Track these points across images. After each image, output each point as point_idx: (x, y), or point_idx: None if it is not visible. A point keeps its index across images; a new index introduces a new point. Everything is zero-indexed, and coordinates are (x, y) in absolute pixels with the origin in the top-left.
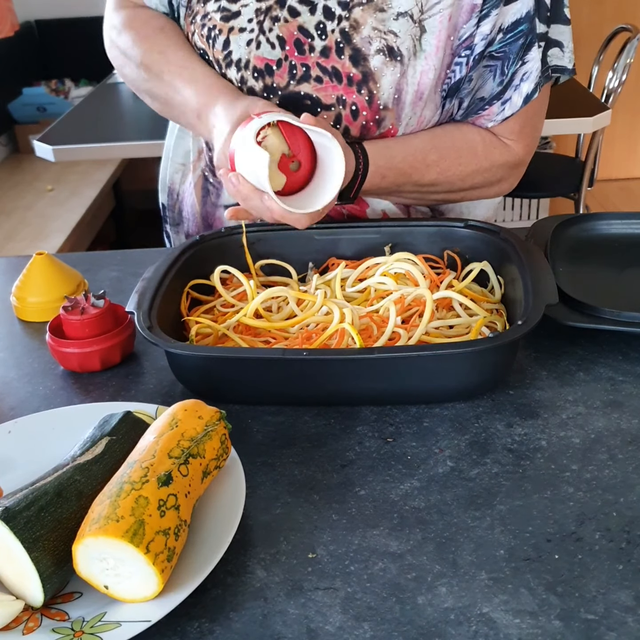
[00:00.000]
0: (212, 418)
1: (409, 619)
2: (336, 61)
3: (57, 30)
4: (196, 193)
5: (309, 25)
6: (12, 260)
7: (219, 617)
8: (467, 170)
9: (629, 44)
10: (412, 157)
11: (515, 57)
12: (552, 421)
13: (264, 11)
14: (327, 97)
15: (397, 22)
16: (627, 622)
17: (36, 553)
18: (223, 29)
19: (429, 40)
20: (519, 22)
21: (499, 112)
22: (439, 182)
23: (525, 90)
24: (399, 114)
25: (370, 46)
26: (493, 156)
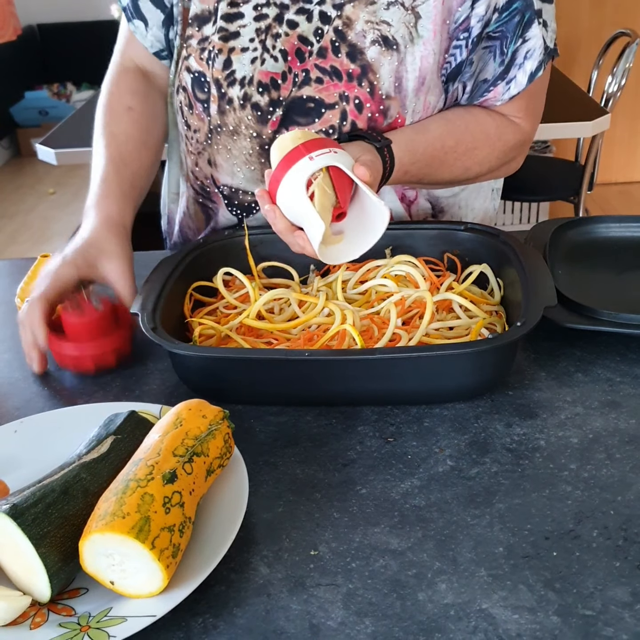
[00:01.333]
0: (215, 417)
1: (410, 615)
2: (334, 60)
3: (59, 35)
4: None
5: (307, 33)
6: (16, 262)
7: (223, 612)
8: (483, 153)
9: (628, 48)
10: (432, 146)
11: (512, 36)
12: (550, 421)
13: (264, 30)
14: (329, 96)
15: (388, 12)
16: (624, 617)
17: (43, 549)
18: (223, 49)
19: (425, 25)
20: (513, 0)
21: (505, 91)
22: (456, 168)
23: (529, 68)
24: (403, 102)
25: (365, 39)
26: (506, 136)
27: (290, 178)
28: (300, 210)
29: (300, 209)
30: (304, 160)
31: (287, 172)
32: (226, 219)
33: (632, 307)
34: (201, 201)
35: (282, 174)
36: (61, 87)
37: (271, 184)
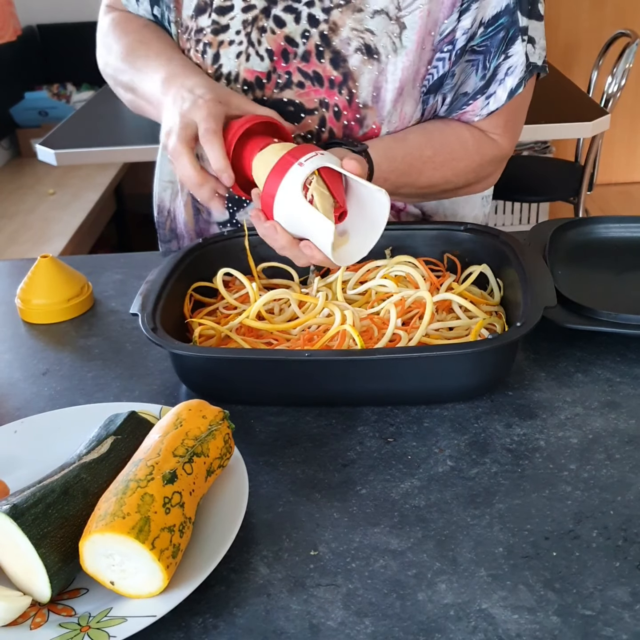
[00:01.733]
0: (215, 418)
1: (410, 615)
2: (317, 65)
3: (59, 35)
4: (187, 212)
5: (295, 34)
6: (16, 263)
7: (223, 612)
8: (460, 165)
9: (628, 49)
10: (410, 155)
11: (496, 51)
12: (550, 421)
13: (251, 22)
14: (309, 101)
15: (373, 20)
16: (624, 617)
17: (44, 549)
18: (213, 43)
19: (410, 36)
20: (499, 16)
21: (484, 106)
22: (434, 178)
23: (509, 84)
24: (380, 112)
25: (348, 47)
26: (483, 151)
27: (285, 189)
28: (303, 219)
29: (302, 217)
30: (295, 167)
31: (281, 184)
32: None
33: (632, 308)
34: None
35: (275, 187)
36: (61, 87)
37: (264, 201)
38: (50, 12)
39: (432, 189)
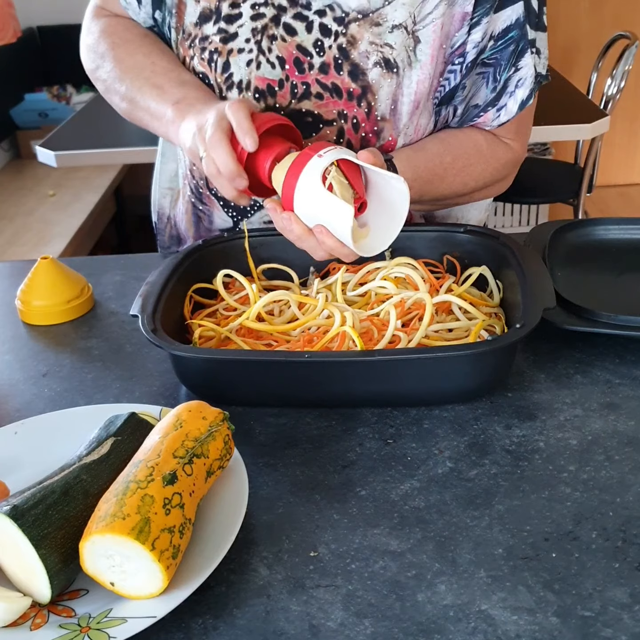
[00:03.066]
0: (215, 419)
1: (409, 616)
2: (335, 77)
3: (59, 37)
4: (187, 219)
5: (307, 43)
6: (16, 264)
7: (223, 613)
8: (478, 169)
9: (627, 51)
10: (432, 163)
11: (507, 64)
12: (549, 423)
13: (260, 30)
14: (328, 112)
15: (392, 35)
16: (623, 618)
17: (44, 550)
18: (222, 51)
19: (424, 50)
20: (509, 29)
21: (495, 118)
22: (455, 184)
23: (520, 96)
24: (396, 125)
25: (368, 60)
26: (497, 154)
27: (304, 179)
28: (322, 206)
29: (321, 205)
30: (314, 159)
31: (300, 175)
32: (222, 220)
33: (631, 309)
34: (193, 201)
35: (295, 178)
36: (61, 89)
37: (285, 194)
38: (50, 14)
39: (452, 196)
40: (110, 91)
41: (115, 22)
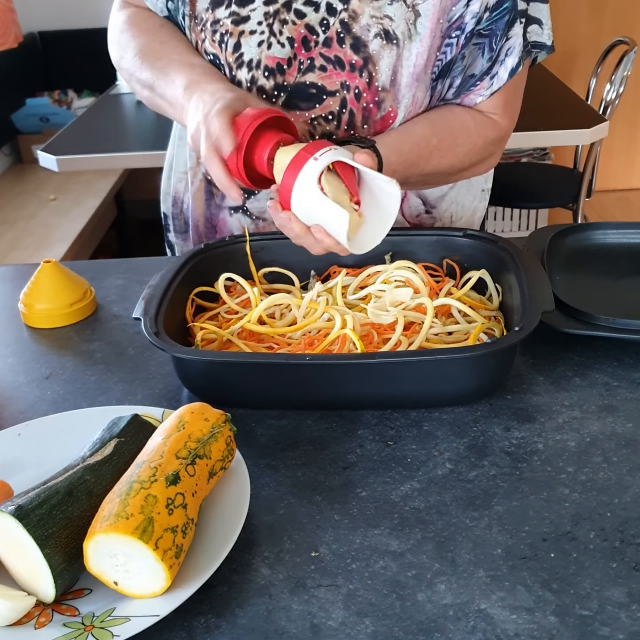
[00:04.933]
0: (217, 420)
1: (409, 615)
2: (338, 50)
3: (60, 42)
4: (198, 197)
5: (314, 23)
6: (19, 267)
7: (225, 612)
8: (464, 150)
9: (626, 56)
10: (417, 146)
11: (501, 34)
12: (548, 425)
13: (272, 14)
14: (331, 84)
15: (391, 7)
16: (620, 617)
17: (48, 550)
18: (234, 32)
19: (424, 23)
20: (503, 1)
21: (488, 86)
22: (440, 167)
23: (510, 64)
24: (396, 96)
25: (369, 33)
26: (485, 132)
27: (301, 182)
28: (319, 209)
29: (318, 208)
30: (310, 162)
31: (297, 178)
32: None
33: (629, 313)
34: (209, 178)
35: (291, 181)
36: (62, 94)
37: (282, 194)
38: (52, 19)
39: (438, 175)
40: (132, 80)
41: (135, 14)
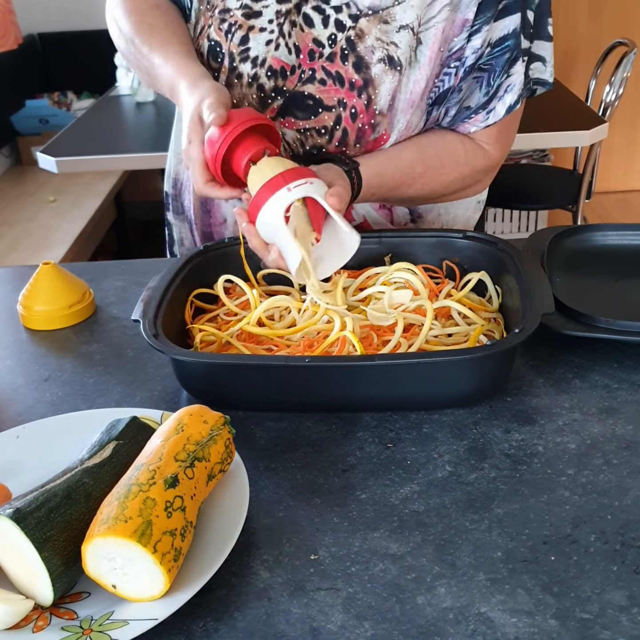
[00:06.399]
0: (216, 423)
1: (409, 618)
2: (340, 66)
3: (59, 43)
4: None
5: (322, 37)
6: (18, 269)
7: (224, 616)
8: (450, 178)
9: (625, 58)
10: (401, 172)
11: (501, 70)
12: (548, 427)
13: (284, 14)
14: (329, 98)
15: (399, 34)
16: (621, 621)
17: (46, 553)
18: (243, 25)
19: (423, 51)
20: (506, 38)
21: (484, 120)
22: (422, 192)
23: (509, 101)
24: (391, 120)
25: (373, 55)
26: (474, 162)
27: (270, 207)
28: (279, 238)
29: (279, 236)
30: (283, 191)
31: (267, 201)
32: None
33: (629, 314)
34: None
35: (262, 201)
36: (62, 95)
37: (251, 208)
38: (51, 21)
39: (420, 199)
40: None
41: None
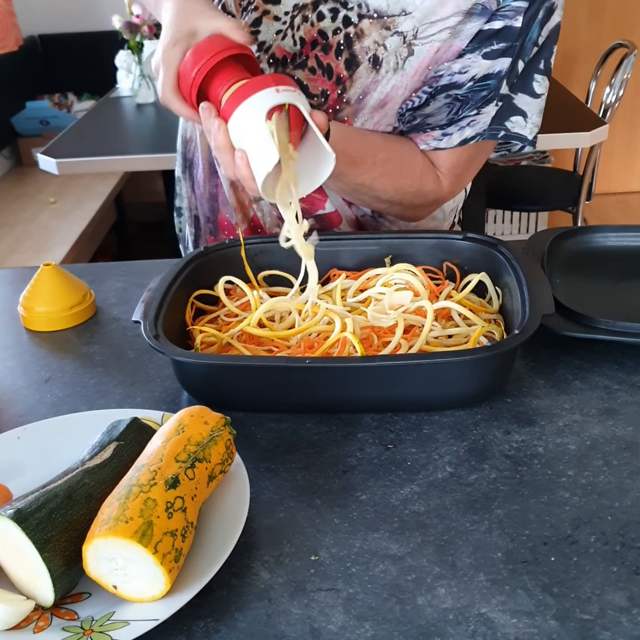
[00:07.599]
0: (217, 424)
1: (409, 619)
2: (333, 60)
3: (60, 45)
4: (202, 140)
5: (327, 29)
6: (19, 270)
7: (224, 617)
8: (404, 182)
9: (625, 59)
10: (365, 150)
11: (474, 104)
12: (548, 428)
13: (300, 8)
14: (314, 87)
15: (391, 38)
16: (621, 622)
17: (47, 553)
18: (259, 8)
19: (412, 63)
20: (490, 76)
21: (437, 138)
22: (376, 183)
23: (467, 134)
24: (356, 112)
25: (365, 55)
26: (426, 179)
27: (252, 103)
28: (254, 139)
29: (254, 137)
30: (271, 90)
31: (251, 97)
32: None
33: (629, 316)
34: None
35: (245, 95)
36: (62, 97)
37: (228, 104)
38: (52, 23)
39: (368, 191)
40: None
41: None
